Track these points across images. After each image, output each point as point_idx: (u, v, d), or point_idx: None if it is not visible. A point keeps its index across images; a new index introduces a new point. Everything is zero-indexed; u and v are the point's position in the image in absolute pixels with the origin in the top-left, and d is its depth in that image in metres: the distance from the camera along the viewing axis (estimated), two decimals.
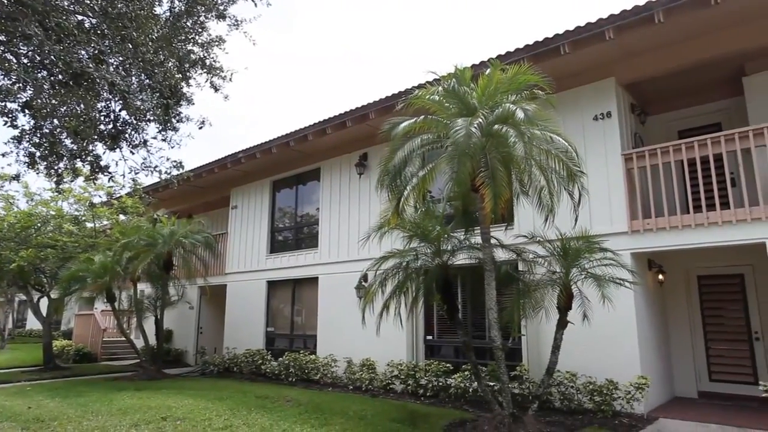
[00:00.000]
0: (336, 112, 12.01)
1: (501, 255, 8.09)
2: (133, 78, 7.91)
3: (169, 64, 8.50)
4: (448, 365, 9.58)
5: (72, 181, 10.09)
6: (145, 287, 16.11)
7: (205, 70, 9.35)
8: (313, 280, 12.86)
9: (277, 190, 14.91)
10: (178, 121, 9.49)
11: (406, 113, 7.48)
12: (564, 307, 7.10)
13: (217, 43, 9.14)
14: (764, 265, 7.16)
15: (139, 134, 8.95)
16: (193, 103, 9.84)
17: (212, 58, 9.28)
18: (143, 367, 13.53)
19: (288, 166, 14.20)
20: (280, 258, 13.96)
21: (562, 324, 7.12)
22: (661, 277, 9.31)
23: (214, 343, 16.10)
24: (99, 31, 6.97)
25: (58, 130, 8.08)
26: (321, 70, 62.58)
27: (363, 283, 10.75)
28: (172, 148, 9.89)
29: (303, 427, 6.90)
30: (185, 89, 9.27)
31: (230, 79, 9.92)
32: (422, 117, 7.16)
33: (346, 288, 11.63)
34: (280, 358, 12.33)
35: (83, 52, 6.78)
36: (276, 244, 14.58)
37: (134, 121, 8.57)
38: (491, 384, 7.99)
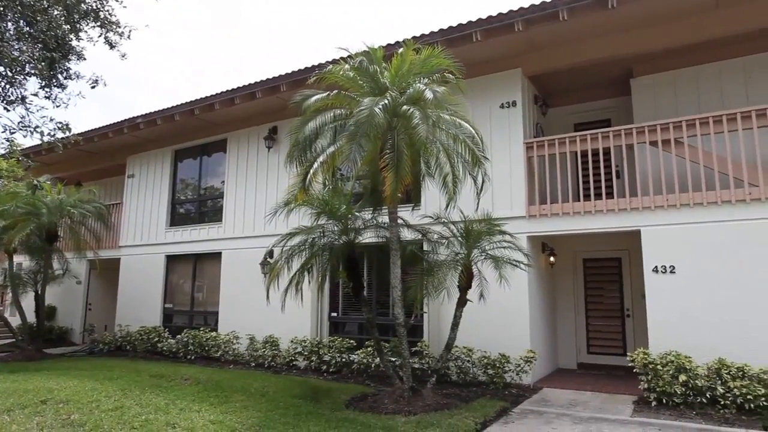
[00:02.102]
0: (246, 81, 11.50)
1: (407, 235, 8.28)
2: (9, 24, 6.98)
3: (55, 13, 7.61)
4: (351, 342, 9.71)
5: None
6: (23, 260, 14.58)
7: (98, 23, 8.50)
8: (216, 256, 12.38)
9: (180, 160, 14.05)
10: (65, 78, 8.58)
11: (319, 88, 7.35)
12: (465, 286, 7.44)
13: None
14: (638, 250, 7.97)
15: (15, 89, 7.95)
16: (85, 59, 8.95)
17: (107, 10, 8.45)
18: (19, 347, 12.32)
19: (192, 136, 13.40)
20: (181, 231, 13.24)
21: (462, 302, 7.47)
22: (552, 259, 10.06)
23: (105, 320, 15.02)
24: None
25: None
26: (239, 42, 59.17)
27: (268, 260, 10.52)
28: (57, 107, 8.95)
29: (201, 405, 6.66)
30: (75, 43, 8.37)
31: (128, 37, 9.15)
32: (335, 92, 7.07)
33: (251, 264, 11.32)
34: (179, 336, 11.80)
35: None
36: (177, 217, 13.79)
37: (9, 74, 7.59)
38: (393, 359, 8.22)
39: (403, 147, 6.53)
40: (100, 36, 8.72)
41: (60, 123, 8.53)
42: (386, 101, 6.23)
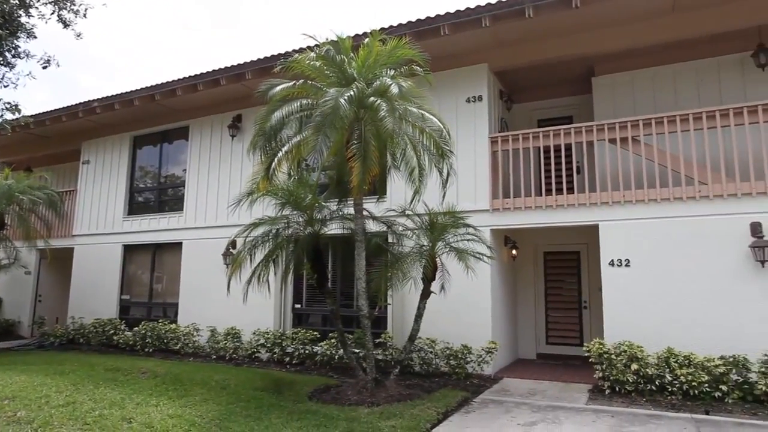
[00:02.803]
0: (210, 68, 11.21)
1: (372, 226, 8.29)
2: None
3: None
4: (315, 333, 9.67)
5: None
6: None
7: (50, 0, 8.09)
8: (177, 246, 12.07)
9: (139, 147, 13.59)
10: (13, 56, 8.14)
11: (285, 77, 7.23)
12: (429, 278, 7.50)
13: None
14: (596, 244, 8.23)
15: None
16: (35, 37, 8.51)
17: None
18: None
19: (152, 122, 12.97)
20: (140, 221, 12.84)
21: (425, 294, 7.54)
22: (514, 252, 10.26)
23: (57, 312, 14.44)
24: None
25: None
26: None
27: (231, 250, 10.34)
28: (5, 87, 8.48)
29: (159, 399, 6.51)
30: (24, 19, 7.95)
31: (84, 15, 8.75)
32: (301, 81, 6.98)
33: (213, 255, 11.11)
34: (136, 328, 11.46)
35: None
36: (135, 206, 13.36)
37: None
38: (356, 351, 8.23)
39: (370, 138, 6.51)
40: (53, 13, 8.32)
41: (8, 103, 8.10)
42: (352, 92, 6.19)
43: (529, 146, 8.90)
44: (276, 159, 6.57)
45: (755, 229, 7.05)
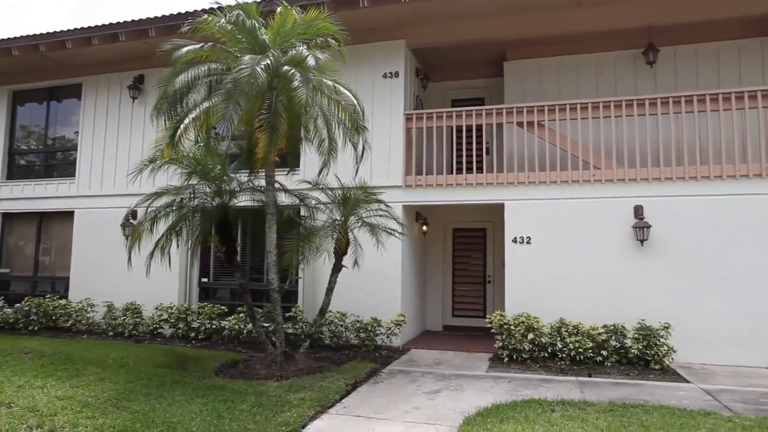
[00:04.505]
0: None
1: (284, 199, 8.13)
2: None
3: None
4: (223, 308, 9.38)
5: None
6: None
7: None
8: (68, 215, 11.06)
9: (20, 104, 12.14)
10: None
11: (193, 38, 6.80)
12: (341, 252, 7.52)
13: None
14: (501, 222, 8.70)
15: None
16: None
17: None
18: None
19: (37, 76, 11.62)
20: (22, 186, 11.56)
21: (337, 268, 7.56)
22: (425, 228, 10.56)
23: None
24: None
25: None
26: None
27: (131, 221, 9.68)
28: None
29: (46, 380, 6.00)
30: None
31: None
32: (210, 44, 6.57)
33: (110, 225, 10.31)
34: (18, 305, 10.43)
35: None
36: (16, 169, 12.01)
37: None
38: (266, 325, 8.11)
39: (281, 109, 6.31)
40: None
41: None
42: (269, 61, 5.93)
43: (443, 125, 9.11)
44: (182, 125, 6.17)
45: (637, 211, 7.82)
